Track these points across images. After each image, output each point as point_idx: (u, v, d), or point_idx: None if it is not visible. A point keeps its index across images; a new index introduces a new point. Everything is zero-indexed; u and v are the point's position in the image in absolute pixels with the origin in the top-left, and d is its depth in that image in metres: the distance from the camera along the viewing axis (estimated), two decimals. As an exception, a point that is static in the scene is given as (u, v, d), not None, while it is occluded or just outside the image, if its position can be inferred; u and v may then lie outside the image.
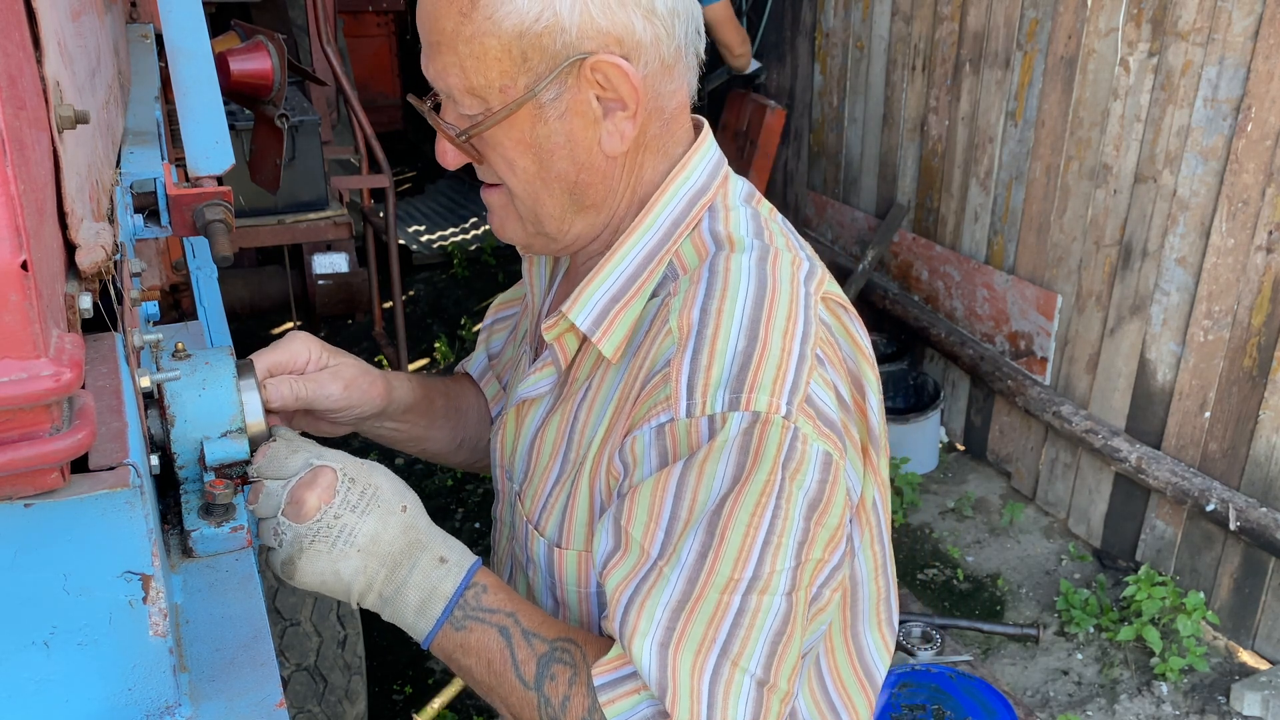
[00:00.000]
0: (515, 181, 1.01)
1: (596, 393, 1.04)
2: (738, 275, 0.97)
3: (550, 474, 1.08)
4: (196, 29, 1.66)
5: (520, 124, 0.97)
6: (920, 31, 4.05)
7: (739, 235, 1.02)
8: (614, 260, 1.03)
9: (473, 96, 0.96)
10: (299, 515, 0.95)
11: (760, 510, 0.90)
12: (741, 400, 0.91)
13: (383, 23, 8.01)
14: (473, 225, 6.88)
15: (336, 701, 2.48)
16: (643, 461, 0.95)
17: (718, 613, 0.91)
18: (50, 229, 0.75)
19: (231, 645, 0.93)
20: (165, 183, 1.16)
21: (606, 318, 1.02)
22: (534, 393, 1.12)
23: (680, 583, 0.91)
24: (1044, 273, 3.63)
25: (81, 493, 0.72)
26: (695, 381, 0.92)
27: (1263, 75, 2.80)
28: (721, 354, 0.93)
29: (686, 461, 0.92)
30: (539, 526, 1.08)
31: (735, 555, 0.90)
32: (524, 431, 1.14)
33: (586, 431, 1.04)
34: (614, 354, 1.02)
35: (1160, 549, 3.38)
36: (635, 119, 0.98)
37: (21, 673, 0.76)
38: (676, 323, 0.96)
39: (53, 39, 0.80)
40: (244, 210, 3.64)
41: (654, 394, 0.94)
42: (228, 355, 1.04)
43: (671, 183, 1.04)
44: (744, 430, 0.90)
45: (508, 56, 0.94)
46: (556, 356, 1.07)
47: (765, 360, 0.92)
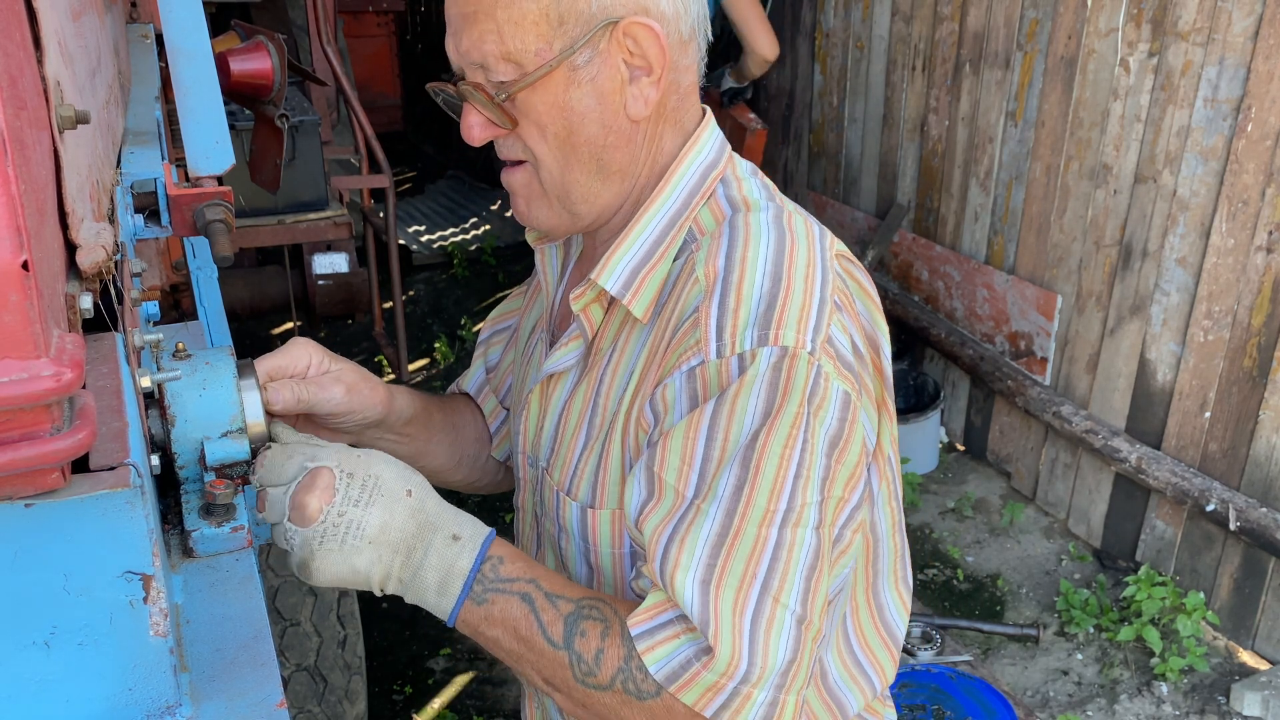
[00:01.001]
0: (545, 149, 1.04)
1: (621, 355, 1.08)
2: (758, 228, 1.02)
3: (577, 441, 1.11)
4: (197, 29, 1.66)
5: (554, 87, 1.00)
6: (920, 31, 4.05)
7: (753, 198, 1.08)
8: (638, 227, 1.07)
9: (508, 62, 0.99)
10: (303, 520, 0.95)
11: (791, 443, 0.93)
12: (770, 336, 0.95)
13: (383, 23, 8.01)
14: (473, 225, 6.88)
15: (337, 701, 2.48)
16: (674, 407, 0.98)
17: (757, 546, 0.93)
18: (51, 229, 0.75)
19: (232, 645, 0.93)
20: (165, 183, 1.16)
21: (635, 280, 1.06)
22: (561, 366, 1.14)
23: (719, 516, 0.93)
24: (1044, 273, 3.63)
25: (82, 493, 0.72)
26: (724, 323, 0.96)
27: (1263, 75, 2.80)
28: (748, 296, 0.97)
29: (718, 400, 0.95)
30: (570, 493, 1.11)
31: (770, 487, 0.93)
32: (551, 407, 1.15)
33: (612, 394, 1.08)
34: (644, 314, 1.05)
35: (1160, 549, 3.38)
36: (659, 84, 1.03)
37: (22, 673, 0.76)
38: (703, 271, 1.00)
39: (53, 39, 0.80)
40: (244, 210, 3.64)
41: (684, 340, 0.98)
42: (228, 355, 1.04)
43: (686, 155, 1.09)
44: (773, 365, 0.94)
45: (545, 20, 0.98)
46: (584, 327, 1.10)
47: (790, 301, 0.97)
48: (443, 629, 3.35)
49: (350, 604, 2.53)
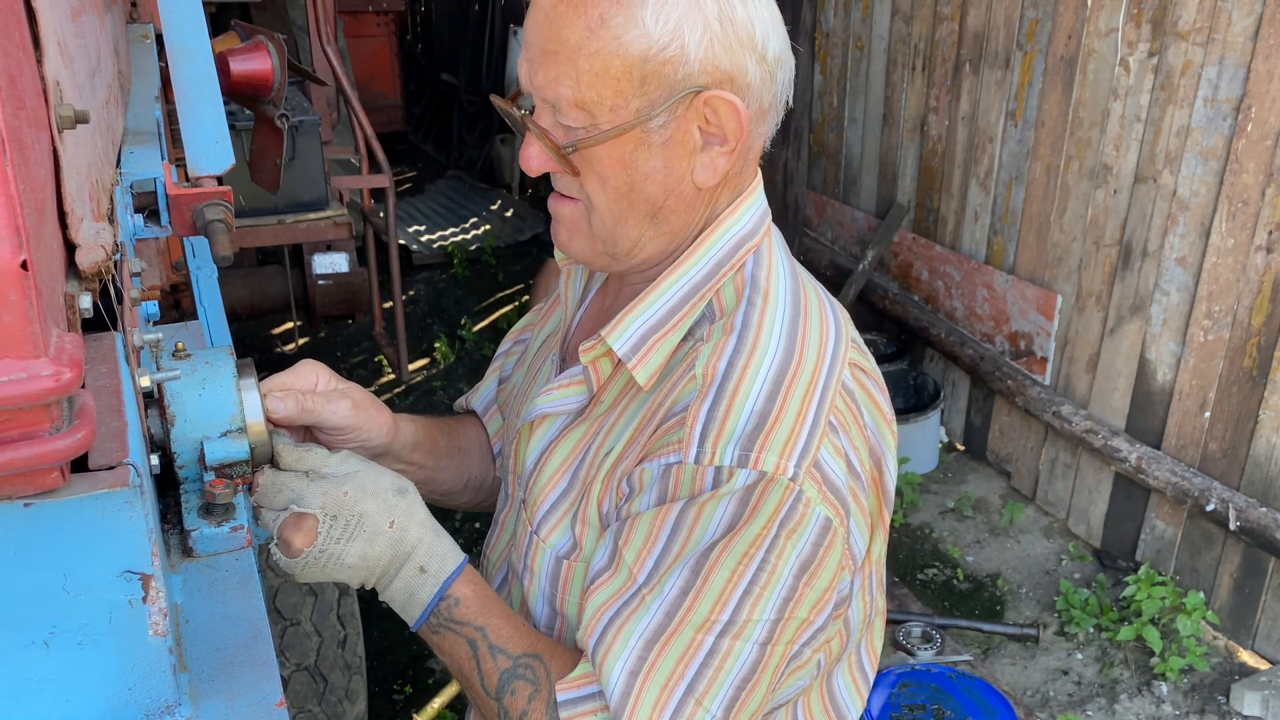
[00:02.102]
0: (602, 198, 1.02)
1: (619, 419, 1.07)
2: (769, 335, 1.00)
3: (556, 485, 1.10)
4: (197, 29, 1.66)
5: (624, 145, 0.98)
6: (920, 31, 4.05)
7: (776, 288, 1.05)
8: (657, 292, 1.05)
9: (580, 110, 0.97)
10: (288, 552, 0.99)
11: (747, 560, 0.94)
12: (750, 458, 0.94)
13: (383, 23, 8.01)
14: (473, 225, 6.89)
15: (337, 701, 2.48)
16: (646, 492, 0.98)
17: (690, 649, 0.95)
18: (50, 229, 0.75)
19: (231, 645, 0.93)
20: (165, 182, 1.16)
21: (644, 346, 1.04)
22: (558, 408, 1.12)
23: (659, 614, 0.96)
24: (1044, 273, 3.63)
25: (81, 492, 0.72)
26: (709, 431, 0.95)
27: (1263, 75, 2.80)
28: (739, 410, 0.96)
29: (687, 502, 0.95)
30: (541, 535, 1.10)
31: (715, 598, 0.94)
32: (535, 443, 1.15)
33: (600, 452, 1.07)
34: (647, 382, 1.04)
35: (1160, 549, 3.38)
36: (732, 155, 1.00)
37: (22, 672, 0.76)
38: (702, 370, 0.99)
39: (53, 39, 0.80)
40: (244, 210, 3.63)
41: (669, 433, 0.98)
42: (228, 355, 1.04)
43: (724, 221, 1.06)
44: (747, 486, 0.94)
45: (627, 78, 0.95)
46: (590, 378, 1.08)
47: (780, 422, 0.96)
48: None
49: (350, 604, 2.53)
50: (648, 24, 0.93)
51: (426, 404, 4.86)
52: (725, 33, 0.95)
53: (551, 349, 1.25)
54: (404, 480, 1.06)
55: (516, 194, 7.31)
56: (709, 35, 0.94)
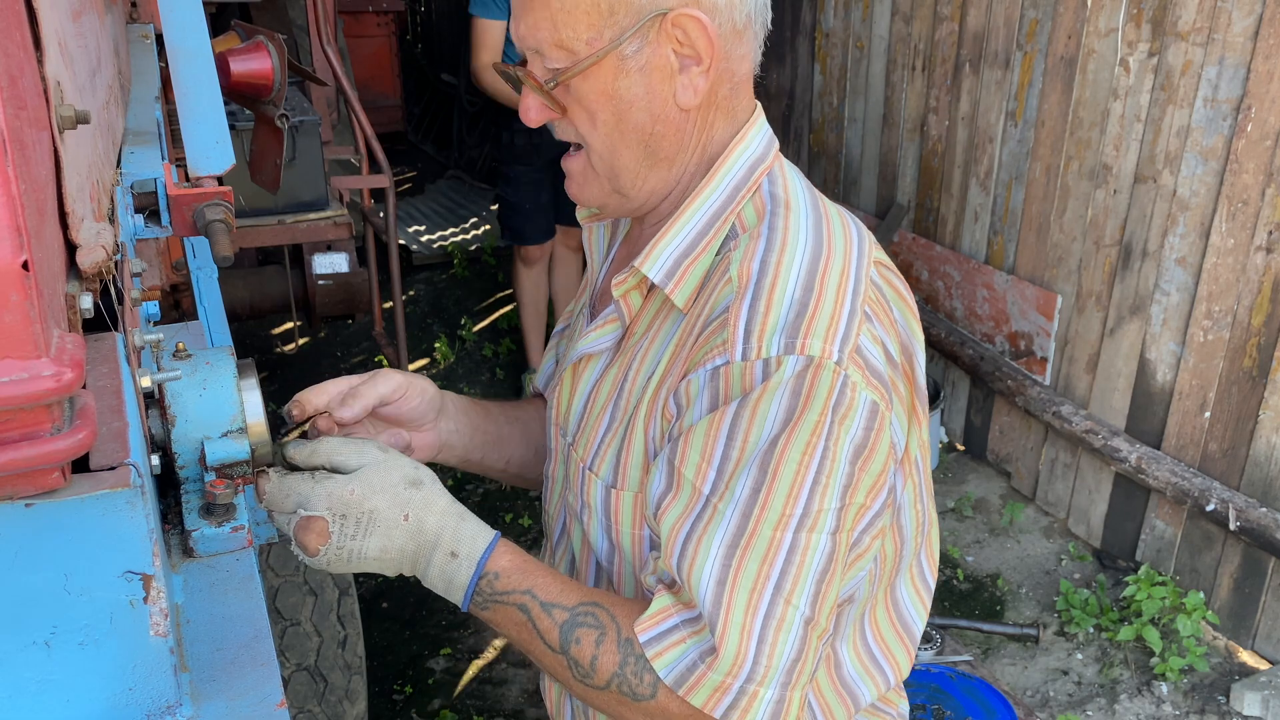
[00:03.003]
0: (595, 134, 1.06)
1: (652, 342, 1.10)
2: (795, 233, 1.04)
3: (602, 421, 1.13)
4: (197, 29, 1.66)
5: (603, 75, 1.03)
6: (920, 31, 4.05)
7: (795, 199, 1.09)
8: (683, 218, 1.09)
9: (560, 49, 1.02)
10: (307, 553, 1.01)
11: (810, 450, 0.95)
12: (797, 345, 0.96)
13: (383, 23, 8.01)
14: (473, 225, 6.88)
15: (337, 701, 2.48)
16: (696, 402, 0.99)
17: (771, 549, 0.95)
18: (51, 229, 0.75)
19: (232, 645, 0.93)
20: (166, 183, 1.16)
21: (678, 270, 1.07)
22: (595, 348, 1.16)
23: (735, 518, 0.96)
24: (1044, 273, 3.63)
25: (82, 492, 0.72)
26: (752, 327, 0.97)
27: (1263, 75, 2.80)
28: (779, 302, 0.98)
29: (740, 402, 0.96)
30: (594, 469, 1.13)
31: (786, 492, 0.95)
32: (580, 386, 1.18)
33: (638, 379, 1.10)
34: (685, 304, 1.07)
35: (1160, 549, 3.38)
36: (709, 74, 1.04)
37: (22, 673, 0.76)
38: (736, 272, 1.01)
39: (53, 39, 0.81)
40: (244, 210, 3.63)
41: (711, 338, 0.99)
42: (228, 355, 1.04)
43: (735, 148, 1.10)
44: (797, 373, 0.95)
45: (595, 10, 1.00)
46: (622, 312, 1.12)
47: (820, 310, 0.98)
48: (443, 629, 3.35)
49: (350, 604, 2.52)
50: None
51: (426, 404, 4.86)
52: None
53: (583, 305, 1.30)
54: (420, 471, 1.06)
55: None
56: None
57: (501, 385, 4.96)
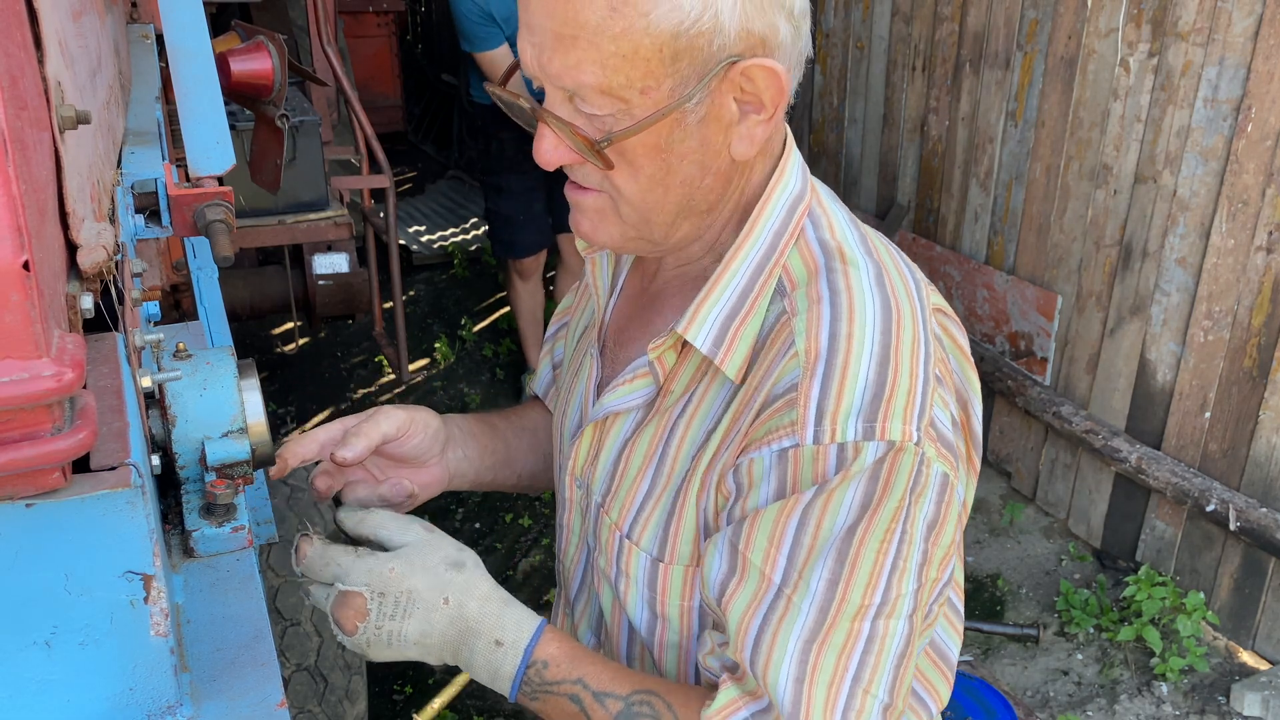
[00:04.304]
0: (634, 188, 0.94)
1: (698, 408, 1.01)
2: (861, 296, 0.94)
3: (639, 486, 1.05)
4: (197, 29, 1.66)
5: (659, 129, 0.90)
6: (920, 32, 4.05)
7: (849, 248, 0.99)
8: (727, 275, 0.99)
9: (606, 96, 0.88)
10: (344, 631, 0.98)
11: (889, 536, 0.90)
12: (876, 429, 0.89)
13: (383, 23, 8.00)
14: (473, 225, 6.88)
15: (337, 702, 2.47)
16: (760, 484, 0.92)
17: (849, 641, 0.91)
18: (52, 229, 0.75)
19: (232, 645, 0.93)
20: (166, 183, 1.16)
21: (727, 336, 0.98)
22: (623, 405, 1.07)
23: (812, 612, 0.91)
24: (1044, 273, 3.63)
25: (83, 493, 0.72)
26: (825, 408, 0.90)
27: (1263, 76, 2.80)
28: (853, 381, 0.90)
29: (816, 490, 0.90)
30: (633, 538, 1.05)
31: (866, 582, 0.90)
32: (609, 443, 1.09)
33: (685, 446, 1.01)
34: (737, 374, 0.97)
35: (1160, 549, 3.38)
36: (771, 123, 0.94)
37: (23, 673, 0.76)
38: (804, 346, 0.92)
39: (54, 39, 0.81)
40: (244, 210, 3.63)
41: (776, 418, 0.92)
42: (229, 355, 1.04)
43: (773, 190, 1.00)
44: (878, 460, 0.89)
45: (657, 57, 0.86)
46: (655, 370, 1.03)
47: (897, 388, 0.91)
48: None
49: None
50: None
51: (427, 404, 4.86)
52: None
53: (590, 342, 1.20)
54: (463, 553, 1.02)
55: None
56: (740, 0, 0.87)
57: (501, 385, 4.96)
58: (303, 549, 1.01)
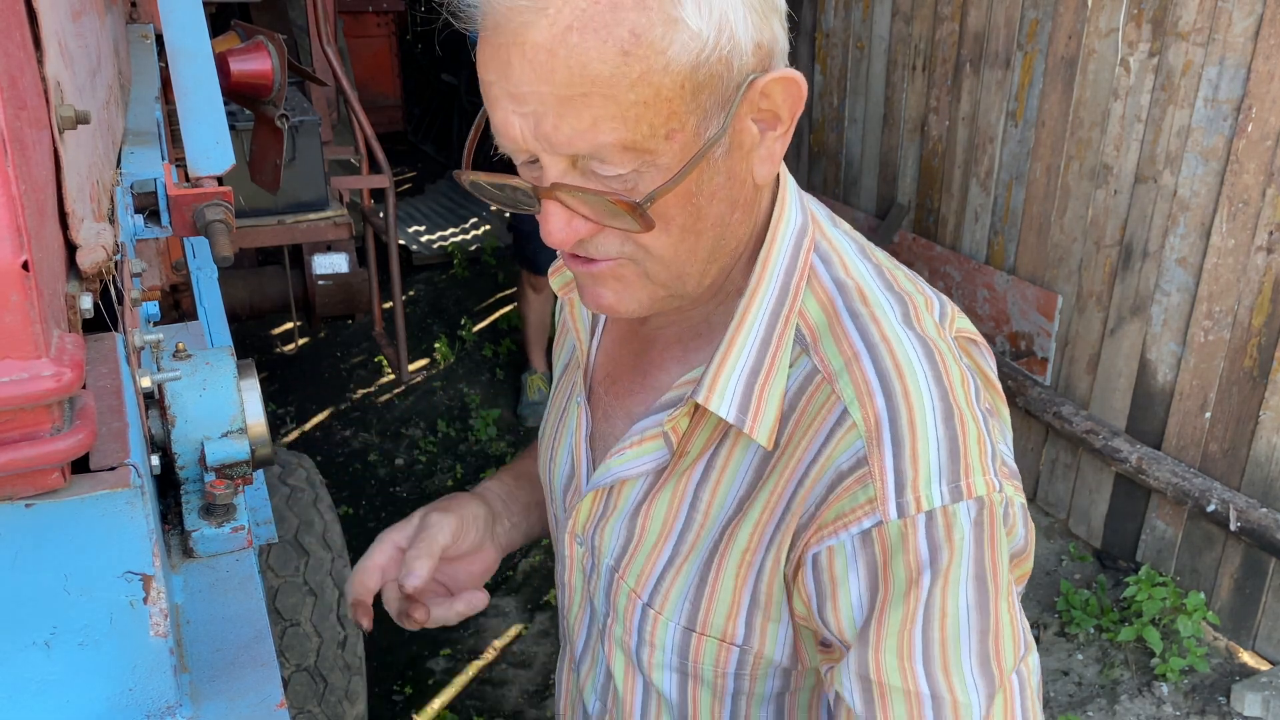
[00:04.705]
0: (665, 242, 0.84)
1: (722, 472, 0.93)
2: (901, 345, 0.87)
3: (660, 553, 0.98)
4: (197, 29, 1.66)
5: (692, 175, 0.81)
6: (920, 32, 4.05)
7: (867, 285, 0.92)
8: (744, 330, 0.90)
9: (630, 152, 0.78)
10: None
11: (1007, 589, 0.86)
12: (962, 488, 0.83)
13: (383, 23, 8.01)
14: (473, 225, 6.88)
15: (336, 702, 2.47)
16: (846, 578, 0.86)
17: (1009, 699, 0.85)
18: (51, 229, 0.75)
19: (232, 646, 0.93)
20: (165, 183, 1.16)
21: (752, 399, 0.89)
22: (631, 471, 0.99)
23: (981, 698, 0.84)
24: (1044, 273, 3.63)
25: (82, 493, 0.72)
26: (904, 479, 0.83)
27: (1263, 76, 2.80)
28: (925, 442, 0.83)
29: (931, 579, 0.83)
30: (655, 606, 0.99)
31: (1010, 642, 0.85)
32: (619, 506, 1.02)
33: (712, 512, 0.94)
34: (769, 439, 0.89)
35: (1161, 549, 3.38)
36: (787, 135, 0.85)
37: (22, 673, 0.76)
38: (861, 415, 0.84)
39: (53, 39, 0.81)
40: (244, 210, 3.64)
41: (848, 498, 0.84)
42: (228, 356, 1.04)
43: (777, 227, 0.92)
44: (974, 521, 0.83)
45: (679, 95, 0.76)
46: (670, 441, 0.95)
47: (967, 437, 0.85)
48: (443, 629, 3.35)
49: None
50: (691, 22, 0.75)
51: (427, 404, 4.86)
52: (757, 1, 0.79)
53: (573, 385, 1.12)
54: None
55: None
56: (747, 9, 0.78)
57: (501, 385, 4.96)
58: None
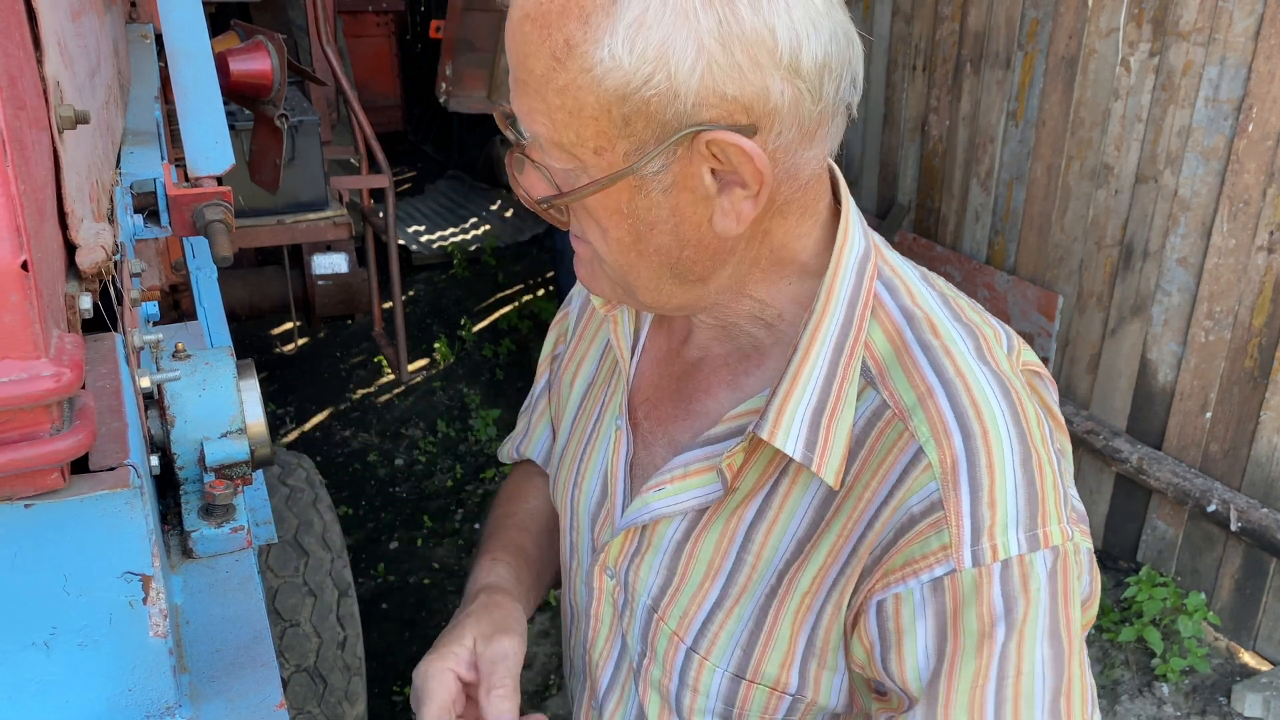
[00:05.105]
0: (604, 248, 0.86)
1: (779, 511, 0.90)
2: (977, 381, 0.84)
3: (706, 594, 0.95)
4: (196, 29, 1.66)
5: (616, 193, 0.82)
6: (921, 31, 4.05)
7: (936, 316, 0.88)
8: (808, 362, 0.87)
9: (560, 150, 0.81)
10: None
11: (1078, 643, 0.83)
12: (1039, 537, 0.80)
13: (383, 23, 8.01)
14: (472, 225, 6.88)
15: (336, 703, 2.47)
16: (914, 627, 0.83)
17: None
18: (50, 229, 0.75)
19: (232, 646, 0.93)
20: (165, 183, 1.16)
21: (819, 435, 0.86)
22: (674, 508, 0.95)
23: None
24: (1045, 273, 3.63)
25: (82, 493, 0.72)
26: (980, 525, 0.80)
27: (1264, 75, 2.80)
28: (1003, 487, 0.81)
29: (1006, 633, 0.80)
30: (700, 651, 0.95)
31: (1081, 699, 0.83)
32: (658, 542, 0.98)
33: (766, 554, 0.91)
34: (836, 478, 0.86)
35: (1161, 550, 3.38)
36: (758, 200, 0.81)
37: (22, 673, 0.75)
38: (937, 456, 0.82)
39: (53, 39, 0.80)
40: (244, 210, 3.64)
41: (919, 544, 0.82)
42: (228, 356, 1.03)
43: (841, 254, 0.89)
44: (1050, 572, 0.81)
45: (606, 117, 0.77)
46: (724, 472, 0.91)
47: (1045, 482, 0.82)
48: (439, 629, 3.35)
49: (350, 605, 2.52)
50: (620, 54, 0.75)
51: (426, 404, 4.86)
52: (729, 53, 0.75)
53: (602, 405, 1.09)
54: None
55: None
56: (705, 60, 0.75)
57: (501, 385, 4.96)
58: None
